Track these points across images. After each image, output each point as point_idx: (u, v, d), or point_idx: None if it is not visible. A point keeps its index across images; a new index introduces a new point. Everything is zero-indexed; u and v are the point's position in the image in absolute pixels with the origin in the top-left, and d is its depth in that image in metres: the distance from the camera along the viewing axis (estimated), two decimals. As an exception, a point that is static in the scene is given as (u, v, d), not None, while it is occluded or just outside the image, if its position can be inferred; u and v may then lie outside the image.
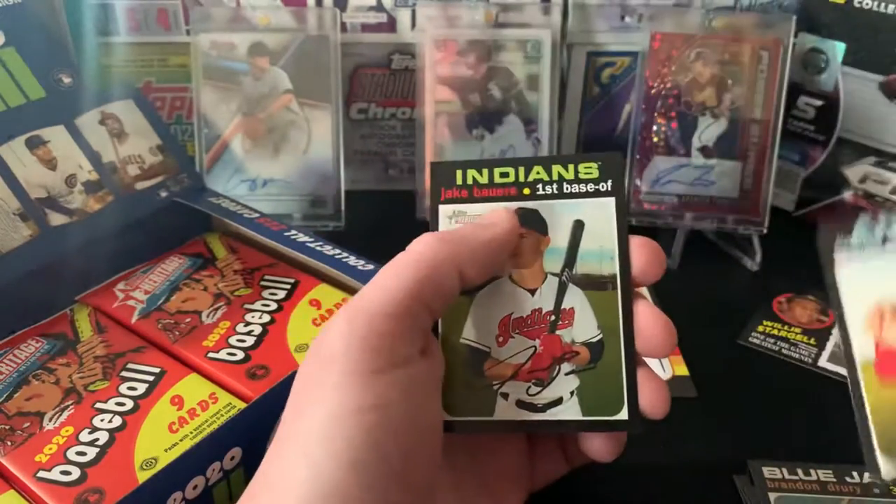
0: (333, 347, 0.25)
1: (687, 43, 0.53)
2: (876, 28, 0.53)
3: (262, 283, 0.42)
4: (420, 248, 0.27)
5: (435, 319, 0.27)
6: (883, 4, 0.52)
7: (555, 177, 0.30)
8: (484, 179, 0.30)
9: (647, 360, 0.30)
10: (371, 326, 0.25)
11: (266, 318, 0.39)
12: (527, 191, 0.30)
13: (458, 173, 0.30)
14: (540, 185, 0.30)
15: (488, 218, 0.29)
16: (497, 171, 0.30)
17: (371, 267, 0.40)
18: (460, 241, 0.27)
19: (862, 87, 0.54)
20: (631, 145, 0.54)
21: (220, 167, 0.54)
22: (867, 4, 0.53)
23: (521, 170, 0.30)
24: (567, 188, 0.30)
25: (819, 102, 0.57)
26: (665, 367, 0.44)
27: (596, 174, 0.30)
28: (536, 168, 0.30)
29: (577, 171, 0.30)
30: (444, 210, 0.30)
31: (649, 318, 0.29)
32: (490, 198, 0.30)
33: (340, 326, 0.25)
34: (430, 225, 0.30)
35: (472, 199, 0.30)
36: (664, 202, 0.54)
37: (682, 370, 0.44)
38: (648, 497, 0.37)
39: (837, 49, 0.55)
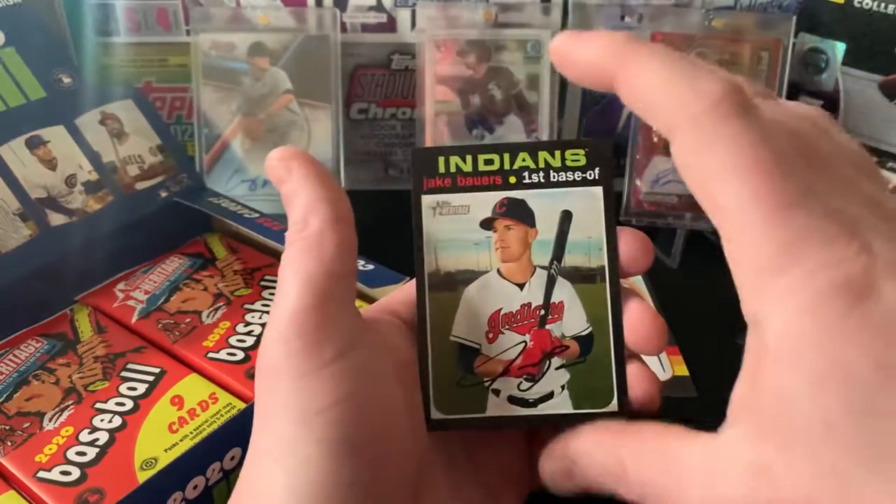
0: (273, 357, 0.24)
1: (687, 43, 0.53)
2: (876, 28, 0.53)
3: (263, 283, 0.42)
4: (295, 234, 0.26)
5: (356, 279, 0.27)
6: (883, 4, 0.52)
7: (541, 164, 0.29)
8: (468, 167, 0.29)
9: (644, 358, 0.30)
10: (300, 325, 0.24)
11: (267, 317, 0.39)
12: (512, 179, 0.29)
13: (441, 160, 0.29)
14: (526, 174, 0.29)
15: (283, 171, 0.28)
16: (481, 157, 0.29)
17: (371, 267, 0.40)
18: (313, 204, 0.26)
19: (862, 87, 0.54)
20: (631, 145, 0.54)
21: (220, 167, 0.54)
22: (867, 4, 0.53)
23: (507, 156, 0.29)
24: (554, 176, 0.29)
25: (819, 102, 0.57)
26: (665, 367, 0.44)
27: (583, 161, 0.29)
28: (522, 154, 0.29)
29: (563, 159, 0.29)
30: (427, 201, 0.29)
31: (639, 315, 0.28)
32: (475, 186, 0.29)
33: (271, 336, 0.25)
34: (413, 217, 0.29)
35: (455, 189, 0.29)
36: (664, 202, 0.54)
37: (682, 370, 0.44)
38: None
39: (837, 49, 0.55)
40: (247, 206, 0.46)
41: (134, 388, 0.35)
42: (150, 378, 0.35)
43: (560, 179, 0.29)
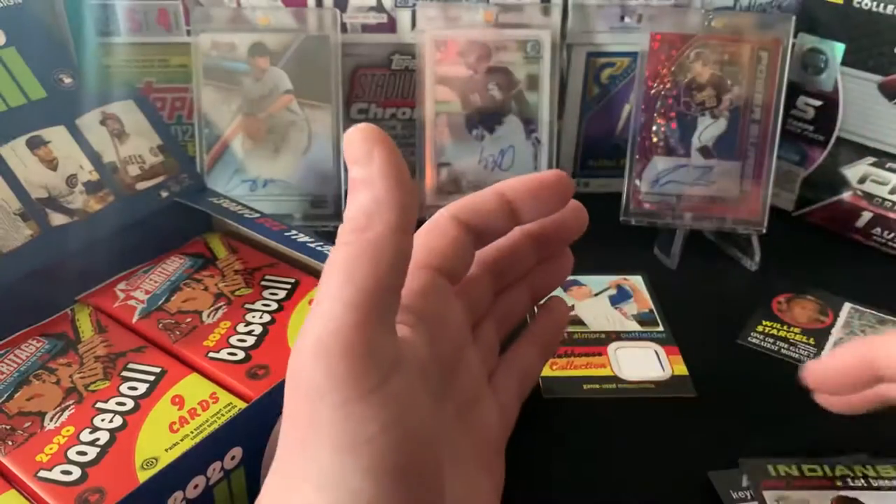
0: (316, 379, 0.23)
1: (686, 43, 0.53)
2: (875, 28, 0.53)
3: (263, 282, 0.42)
4: (353, 234, 0.24)
5: (400, 292, 0.25)
6: (882, 4, 0.52)
7: (858, 473, 0.36)
8: (796, 472, 0.36)
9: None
10: (346, 345, 0.23)
11: (266, 317, 0.39)
12: (839, 482, 0.35)
13: (771, 468, 0.36)
14: (849, 479, 0.36)
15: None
16: (805, 467, 0.36)
17: (371, 267, 0.40)
18: (383, 205, 0.24)
19: (861, 88, 0.54)
20: (630, 145, 0.54)
21: (220, 167, 0.54)
22: (866, 5, 0.53)
23: (826, 467, 0.36)
24: (874, 483, 0.35)
25: (818, 102, 0.57)
26: (665, 367, 0.44)
27: (893, 473, 0.35)
28: (840, 467, 0.36)
29: (877, 472, 0.36)
30: (769, 495, 0.35)
31: None
32: (807, 486, 0.35)
33: (316, 354, 0.23)
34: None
35: (791, 487, 0.35)
36: (664, 202, 0.54)
37: (682, 370, 0.44)
38: (647, 496, 0.37)
39: (837, 49, 0.55)
40: (247, 206, 0.46)
41: (134, 388, 0.35)
42: (151, 378, 0.35)
43: (881, 485, 0.35)
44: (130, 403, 0.34)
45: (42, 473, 0.31)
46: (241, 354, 0.37)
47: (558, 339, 0.38)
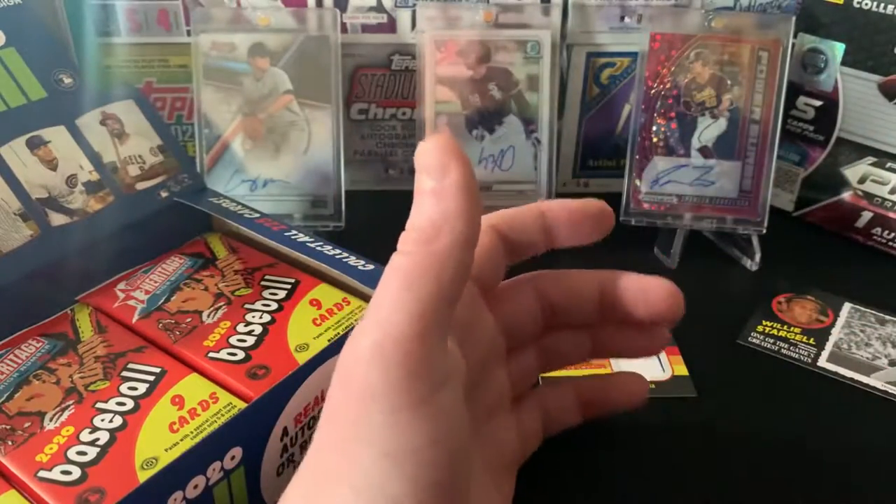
0: (370, 382, 0.23)
1: (686, 43, 0.53)
2: (875, 28, 0.53)
3: (263, 282, 0.42)
4: (417, 244, 0.24)
5: (456, 305, 0.25)
6: (882, 4, 0.52)
7: None
8: None
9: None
10: (406, 354, 0.23)
11: (266, 317, 0.39)
12: None
13: None
14: None
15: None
16: None
17: (371, 267, 0.40)
18: (452, 219, 0.24)
19: (861, 88, 0.54)
20: (630, 146, 0.54)
21: (220, 167, 0.54)
22: (866, 5, 0.53)
23: None
24: None
25: (818, 102, 0.57)
26: (665, 367, 0.44)
27: None
28: None
29: None
30: None
31: None
32: None
33: (372, 358, 0.23)
34: None
35: None
36: (663, 202, 0.54)
37: (682, 370, 0.44)
38: (647, 497, 0.37)
39: (837, 49, 0.55)
40: (247, 206, 0.46)
41: (134, 388, 0.35)
42: (151, 378, 0.35)
43: None
44: (130, 403, 0.34)
45: (42, 473, 0.31)
46: (241, 354, 0.37)
47: (605, 412, 0.37)
